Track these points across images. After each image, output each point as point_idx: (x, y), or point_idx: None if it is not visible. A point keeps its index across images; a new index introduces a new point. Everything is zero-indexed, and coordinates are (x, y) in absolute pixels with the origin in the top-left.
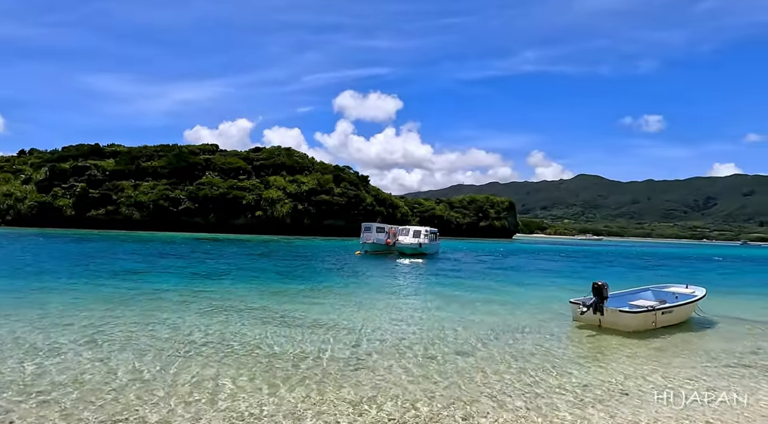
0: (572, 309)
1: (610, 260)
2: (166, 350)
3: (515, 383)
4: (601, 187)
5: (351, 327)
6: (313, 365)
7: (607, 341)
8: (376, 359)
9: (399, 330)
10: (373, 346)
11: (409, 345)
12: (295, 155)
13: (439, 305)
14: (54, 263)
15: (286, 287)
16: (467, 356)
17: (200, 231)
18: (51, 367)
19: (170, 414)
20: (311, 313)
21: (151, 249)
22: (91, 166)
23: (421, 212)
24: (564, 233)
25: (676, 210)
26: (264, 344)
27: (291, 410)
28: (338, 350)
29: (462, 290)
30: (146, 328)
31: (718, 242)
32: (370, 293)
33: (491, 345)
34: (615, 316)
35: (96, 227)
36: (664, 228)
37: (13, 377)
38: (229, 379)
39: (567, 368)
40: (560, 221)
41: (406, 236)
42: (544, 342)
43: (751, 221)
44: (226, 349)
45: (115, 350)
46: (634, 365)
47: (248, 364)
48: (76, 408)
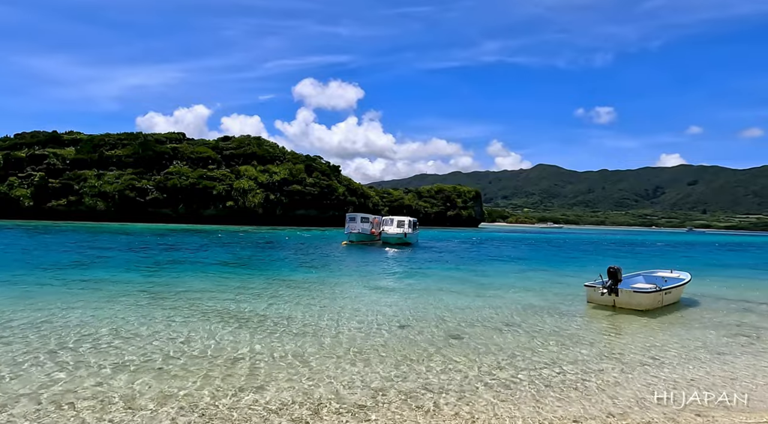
0: (587, 292)
1: (584, 248)
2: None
3: (562, 351)
4: (558, 177)
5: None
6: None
7: (624, 318)
8: (471, 332)
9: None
10: (467, 318)
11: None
12: (265, 145)
13: (460, 289)
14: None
15: (305, 276)
16: (516, 330)
17: (169, 222)
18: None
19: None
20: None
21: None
22: (49, 155)
23: (390, 202)
24: (524, 222)
25: (627, 199)
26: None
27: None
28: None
29: (479, 276)
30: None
31: (666, 228)
32: (431, 286)
33: (530, 322)
34: (629, 296)
35: (57, 219)
36: (617, 216)
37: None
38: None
39: (599, 340)
40: (520, 210)
41: (391, 226)
42: (572, 320)
43: (695, 208)
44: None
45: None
46: (657, 335)
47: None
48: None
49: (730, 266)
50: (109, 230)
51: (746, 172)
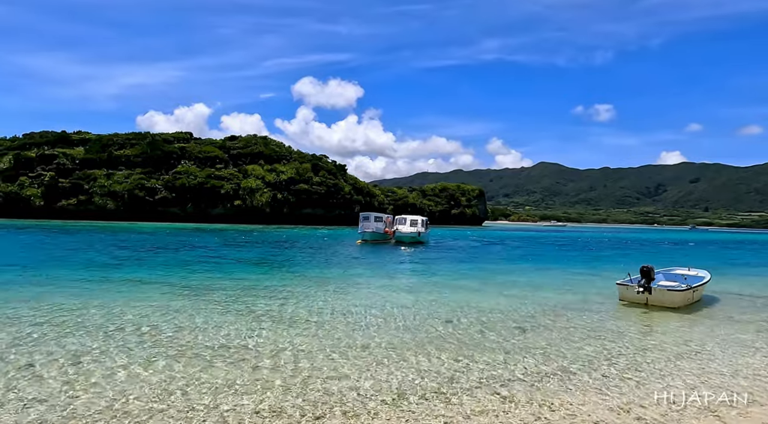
0: (619, 290)
1: (592, 247)
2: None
3: (606, 344)
4: (560, 175)
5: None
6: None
7: (660, 315)
8: (521, 327)
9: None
10: (510, 315)
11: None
12: (272, 144)
13: (499, 289)
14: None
15: (361, 273)
16: (559, 326)
17: (178, 221)
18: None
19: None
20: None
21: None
22: (59, 155)
23: (394, 201)
24: (526, 220)
25: (629, 197)
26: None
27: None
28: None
29: (505, 275)
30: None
31: (668, 226)
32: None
33: (575, 318)
34: (662, 294)
35: (67, 218)
36: (619, 214)
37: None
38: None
39: (642, 333)
40: (522, 208)
41: (404, 225)
42: (608, 316)
43: (696, 206)
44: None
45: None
46: (694, 330)
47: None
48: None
49: (744, 264)
50: (126, 230)
51: (748, 170)
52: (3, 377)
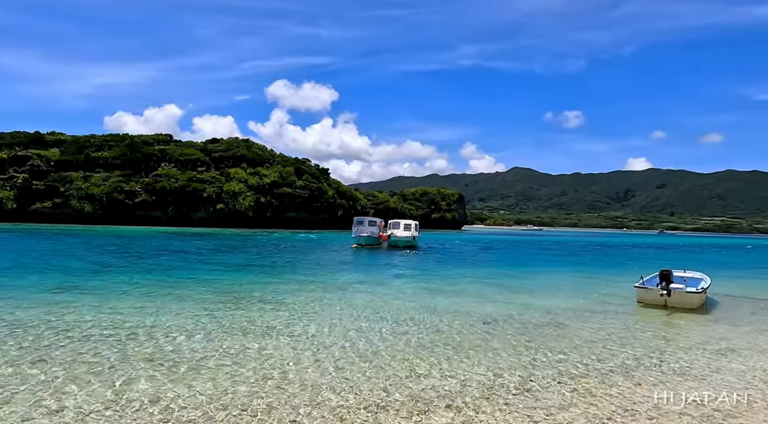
0: (638, 292)
1: (578, 252)
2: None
3: (644, 344)
4: (533, 180)
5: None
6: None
7: (680, 316)
8: (554, 326)
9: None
10: (540, 315)
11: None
12: (254, 147)
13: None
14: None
15: (355, 279)
16: (570, 328)
17: (159, 225)
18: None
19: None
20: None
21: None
22: (33, 156)
23: (375, 205)
24: (502, 224)
25: (599, 201)
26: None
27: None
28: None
29: (515, 279)
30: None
31: (636, 230)
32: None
33: (607, 320)
34: (681, 296)
35: (42, 221)
36: (590, 218)
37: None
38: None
39: (671, 333)
40: (497, 212)
41: (399, 229)
42: (631, 318)
43: (663, 211)
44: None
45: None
46: (716, 329)
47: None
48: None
49: (728, 266)
50: (113, 234)
51: (710, 176)
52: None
